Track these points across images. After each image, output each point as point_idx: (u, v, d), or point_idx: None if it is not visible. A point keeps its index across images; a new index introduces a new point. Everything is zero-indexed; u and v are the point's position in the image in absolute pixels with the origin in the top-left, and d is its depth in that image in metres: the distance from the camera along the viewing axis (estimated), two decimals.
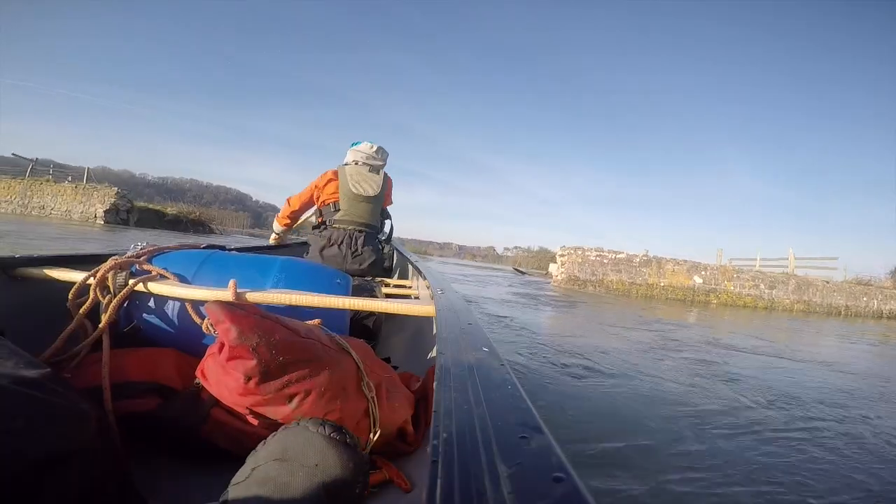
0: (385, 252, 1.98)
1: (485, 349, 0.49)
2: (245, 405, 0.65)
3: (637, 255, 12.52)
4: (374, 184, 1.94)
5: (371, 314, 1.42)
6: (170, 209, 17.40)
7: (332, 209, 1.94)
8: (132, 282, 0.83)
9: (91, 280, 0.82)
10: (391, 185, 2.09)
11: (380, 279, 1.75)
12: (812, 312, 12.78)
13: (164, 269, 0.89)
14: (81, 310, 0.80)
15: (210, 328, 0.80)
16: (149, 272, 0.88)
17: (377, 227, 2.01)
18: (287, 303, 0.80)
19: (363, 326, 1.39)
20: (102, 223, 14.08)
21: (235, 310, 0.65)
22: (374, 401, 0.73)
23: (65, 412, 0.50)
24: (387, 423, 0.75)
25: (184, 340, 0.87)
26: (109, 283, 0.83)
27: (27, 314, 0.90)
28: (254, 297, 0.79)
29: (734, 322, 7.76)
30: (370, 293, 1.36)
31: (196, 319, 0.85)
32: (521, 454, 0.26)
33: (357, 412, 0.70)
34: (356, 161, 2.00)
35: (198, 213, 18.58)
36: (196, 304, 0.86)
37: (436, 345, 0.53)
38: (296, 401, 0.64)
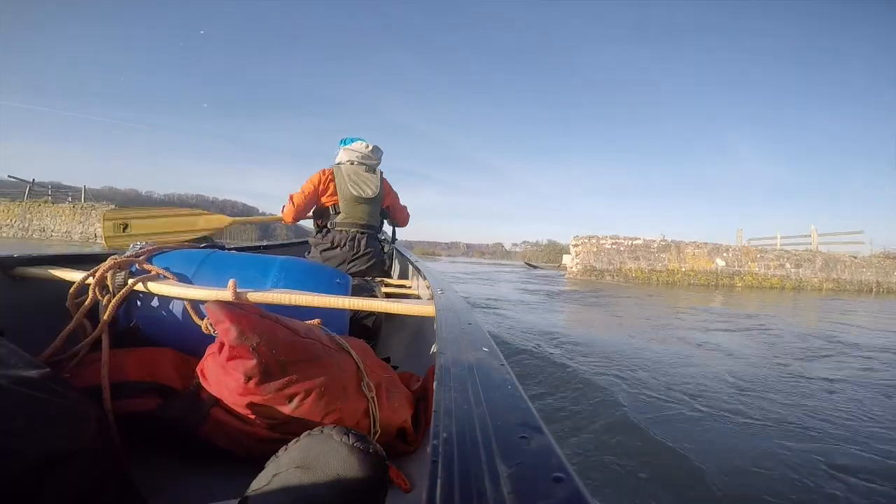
0: (386, 251, 1.99)
1: (485, 349, 0.49)
2: (245, 405, 0.65)
3: (655, 241, 11.79)
4: (373, 185, 1.93)
5: (371, 314, 1.41)
6: None
7: (333, 212, 1.93)
8: (131, 281, 0.83)
9: (90, 280, 0.82)
10: (389, 190, 2.08)
11: (380, 279, 1.75)
12: (842, 290, 11.97)
13: (164, 269, 0.89)
14: (81, 309, 0.80)
15: (210, 328, 0.80)
16: (148, 272, 0.87)
17: (377, 228, 2.01)
18: (287, 303, 0.80)
19: (363, 326, 1.39)
20: (103, 242, 13.92)
21: (235, 309, 0.65)
22: (374, 401, 0.73)
23: (65, 412, 0.50)
24: (387, 423, 0.75)
25: (183, 340, 0.87)
26: (109, 283, 0.83)
27: (27, 314, 0.90)
28: (254, 297, 0.79)
29: (804, 306, 6.72)
30: (370, 293, 1.36)
31: (196, 319, 0.85)
32: (521, 454, 0.26)
33: (357, 412, 0.70)
34: (351, 161, 1.97)
35: None
36: (196, 304, 0.86)
37: (436, 345, 0.53)
38: (296, 401, 0.64)
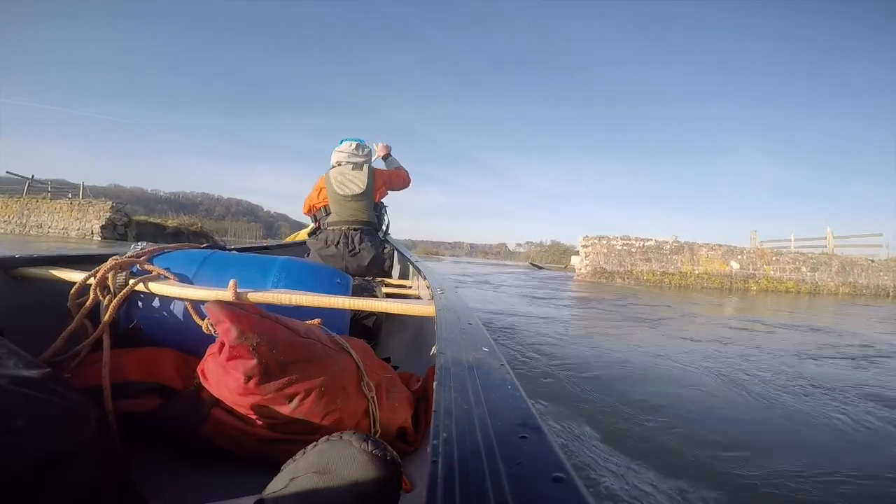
0: (385, 251, 1.99)
1: (485, 349, 0.49)
2: (245, 405, 0.65)
3: (667, 242, 11.47)
4: (359, 181, 1.98)
5: (371, 314, 1.42)
6: (170, 222, 16.86)
7: (325, 213, 2.03)
8: (132, 282, 0.83)
9: (91, 280, 0.82)
10: (383, 177, 2.13)
11: (380, 279, 1.76)
12: (858, 295, 11.70)
13: (165, 269, 0.89)
14: (82, 310, 0.80)
15: (210, 328, 0.80)
16: (149, 272, 0.88)
17: (373, 224, 2.03)
18: (287, 303, 0.80)
19: (363, 326, 1.39)
20: (100, 239, 13.79)
21: (235, 310, 0.65)
22: (374, 401, 0.73)
23: (65, 412, 0.50)
24: (387, 423, 0.75)
25: (184, 340, 0.87)
26: (110, 283, 0.83)
27: (27, 314, 0.90)
28: (254, 297, 0.79)
29: (853, 312, 6.55)
30: (370, 293, 1.36)
31: (196, 319, 0.85)
32: (521, 454, 0.26)
33: (357, 412, 0.70)
34: (339, 162, 2.07)
35: (199, 225, 17.93)
36: (196, 304, 0.86)
37: (436, 345, 0.53)
38: (296, 401, 0.64)
